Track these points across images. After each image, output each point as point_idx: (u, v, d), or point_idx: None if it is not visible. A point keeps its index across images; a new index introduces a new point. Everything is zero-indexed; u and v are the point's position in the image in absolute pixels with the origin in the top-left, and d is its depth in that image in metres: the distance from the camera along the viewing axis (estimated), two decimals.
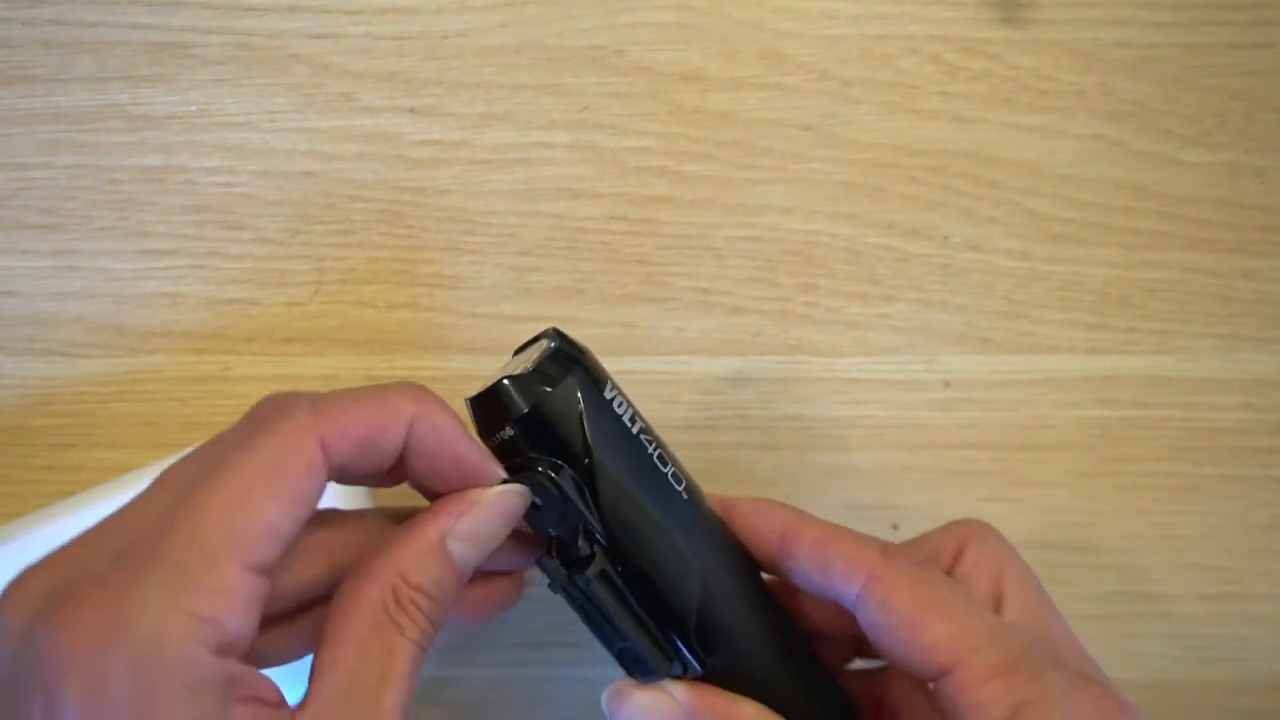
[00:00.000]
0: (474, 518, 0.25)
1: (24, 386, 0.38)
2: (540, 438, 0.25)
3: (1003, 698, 0.22)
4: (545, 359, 0.26)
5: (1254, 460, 0.38)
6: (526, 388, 0.26)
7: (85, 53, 0.38)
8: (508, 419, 0.25)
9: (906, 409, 0.38)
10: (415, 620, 0.23)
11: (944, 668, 0.23)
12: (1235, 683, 0.38)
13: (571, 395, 0.26)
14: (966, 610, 0.24)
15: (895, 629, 0.24)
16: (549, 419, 0.25)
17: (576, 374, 0.26)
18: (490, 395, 0.26)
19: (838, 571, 0.26)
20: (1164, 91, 0.39)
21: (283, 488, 0.22)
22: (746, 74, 0.39)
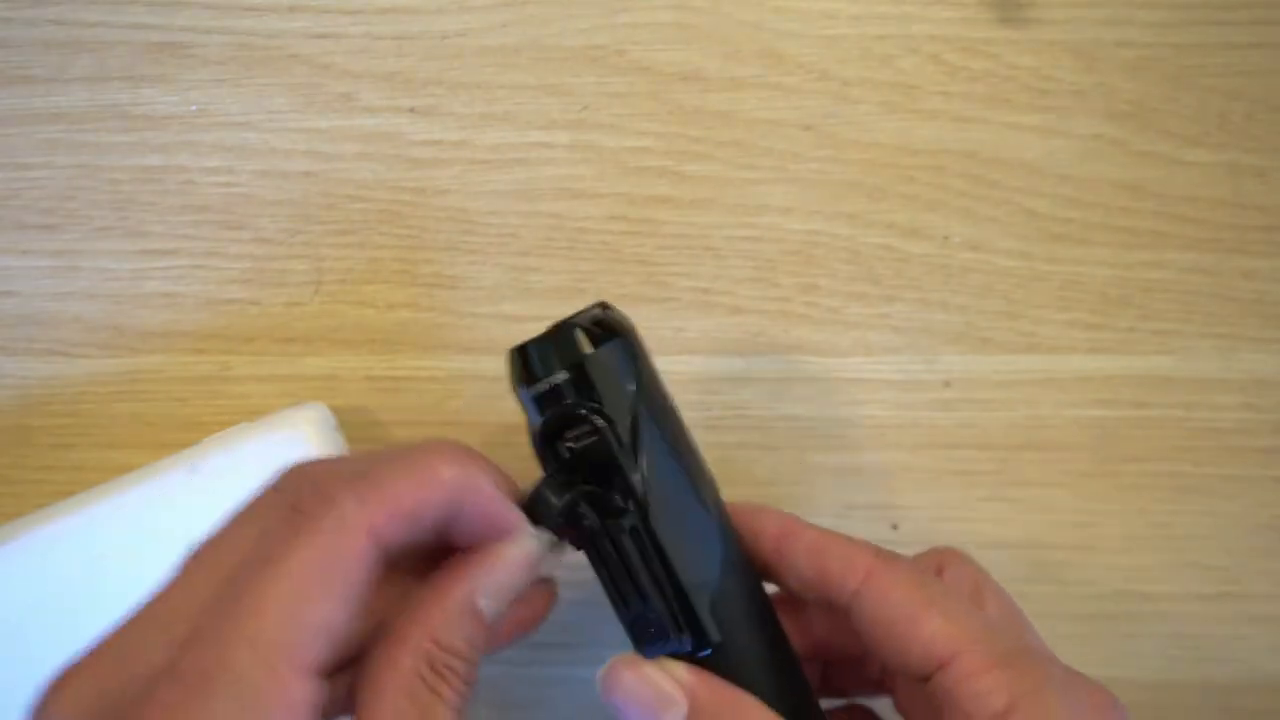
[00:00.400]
0: (502, 573, 0.25)
1: (24, 386, 0.38)
2: (593, 385, 0.26)
3: (1002, 687, 0.23)
4: (601, 317, 0.26)
5: (1254, 460, 0.38)
6: (590, 333, 0.26)
7: (85, 53, 0.38)
8: (567, 360, 0.25)
9: (906, 409, 0.38)
10: (452, 684, 0.23)
11: (942, 659, 0.24)
12: (1235, 682, 0.38)
13: (629, 350, 0.26)
14: (962, 608, 0.25)
15: (894, 624, 0.25)
16: (608, 366, 0.26)
17: (632, 335, 0.27)
18: (554, 335, 0.26)
19: (834, 571, 0.26)
20: (1164, 91, 0.39)
21: (337, 587, 0.21)
22: (746, 74, 0.39)
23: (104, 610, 0.33)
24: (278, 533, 0.22)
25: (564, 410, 0.26)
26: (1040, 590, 0.38)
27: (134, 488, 0.34)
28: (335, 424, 0.36)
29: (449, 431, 0.38)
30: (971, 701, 0.23)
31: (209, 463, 0.34)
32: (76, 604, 0.34)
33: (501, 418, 0.38)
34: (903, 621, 0.25)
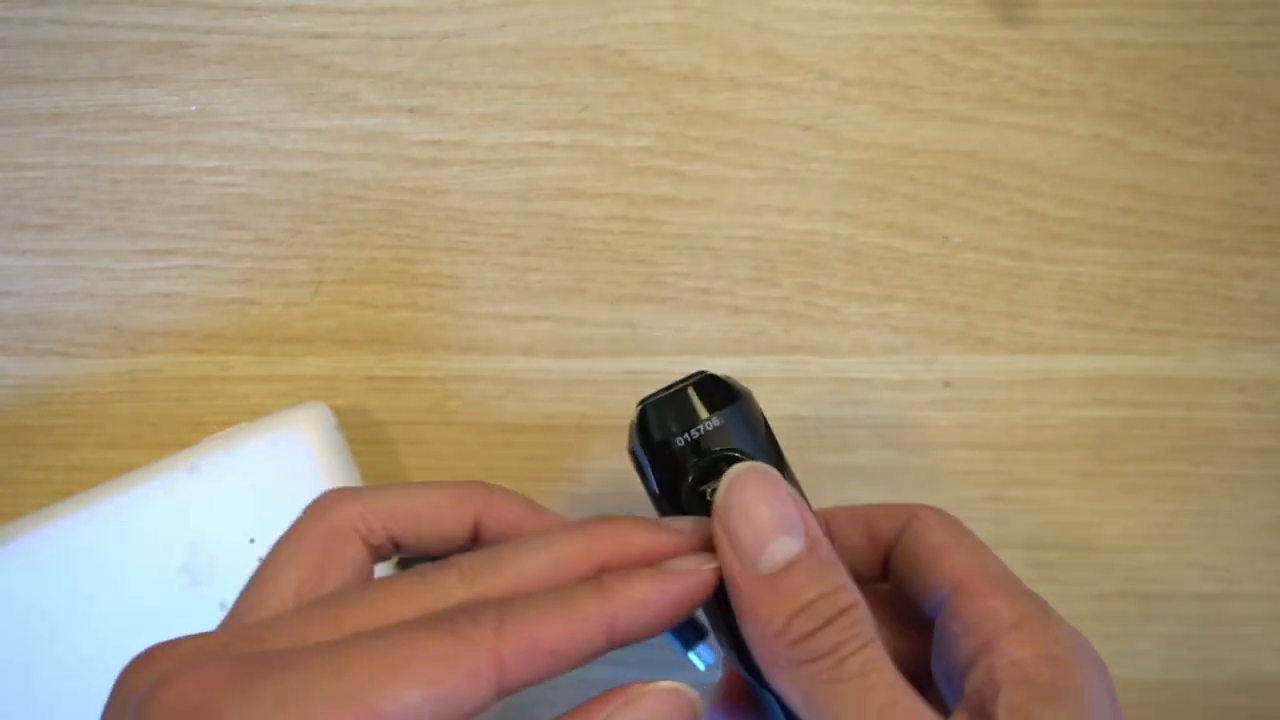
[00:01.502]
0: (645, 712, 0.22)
1: (24, 386, 0.38)
2: (744, 429, 0.26)
3: (1010, 605, 0.24)
4: (723, 375, 0.27)
5: (1254, 460, 0.38)
6: (730, 384, 0.26)
7: (85, 53, 0.38)
8: (720, 405, 0.26)
9: (906, 409, 0.38)
10: None
11: (957, 583, 0.25)
12: (1235, 682, 0.38)
13: (755, 404, 0.27)
14: (985, 551, 0.26)
15: (924, 554, 0.26)
16: (754, 411, 0.26)
17: (751, 394, 0.27)
18: (702, 382, 0.26)
19: (879, 528, 0.27)
20: (1164, 91, 0.39)
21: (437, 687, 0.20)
22: (746, 74, 0.39)
23: (104, 610, 0.34)
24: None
25: (718, 456, 0.25)
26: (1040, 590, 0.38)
27: (134, 488, 0.34)
28: (335, 424, 0.36)
29: (448, 432, 0.38)
30: (982, 617, 0.24)
31: (209, 463, 0.34)
32: (76, 604, 0.34)
33: (501, 418, 0.38)
34: (933, 551, 0.26)
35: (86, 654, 0.33)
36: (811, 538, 0.23)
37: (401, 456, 0.38)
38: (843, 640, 0.22)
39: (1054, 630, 0.24)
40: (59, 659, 0.33)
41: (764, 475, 0.23)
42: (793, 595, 0.22)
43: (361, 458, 0.37)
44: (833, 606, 0.22)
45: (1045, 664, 0.22)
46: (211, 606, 0.34)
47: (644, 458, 0.26)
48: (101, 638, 0.34)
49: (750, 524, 0.23)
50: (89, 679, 0.33)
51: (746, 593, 0.22)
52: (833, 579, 0.22)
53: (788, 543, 0.23)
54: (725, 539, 0.23)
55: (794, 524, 0.23)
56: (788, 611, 0.22)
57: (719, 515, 0.23)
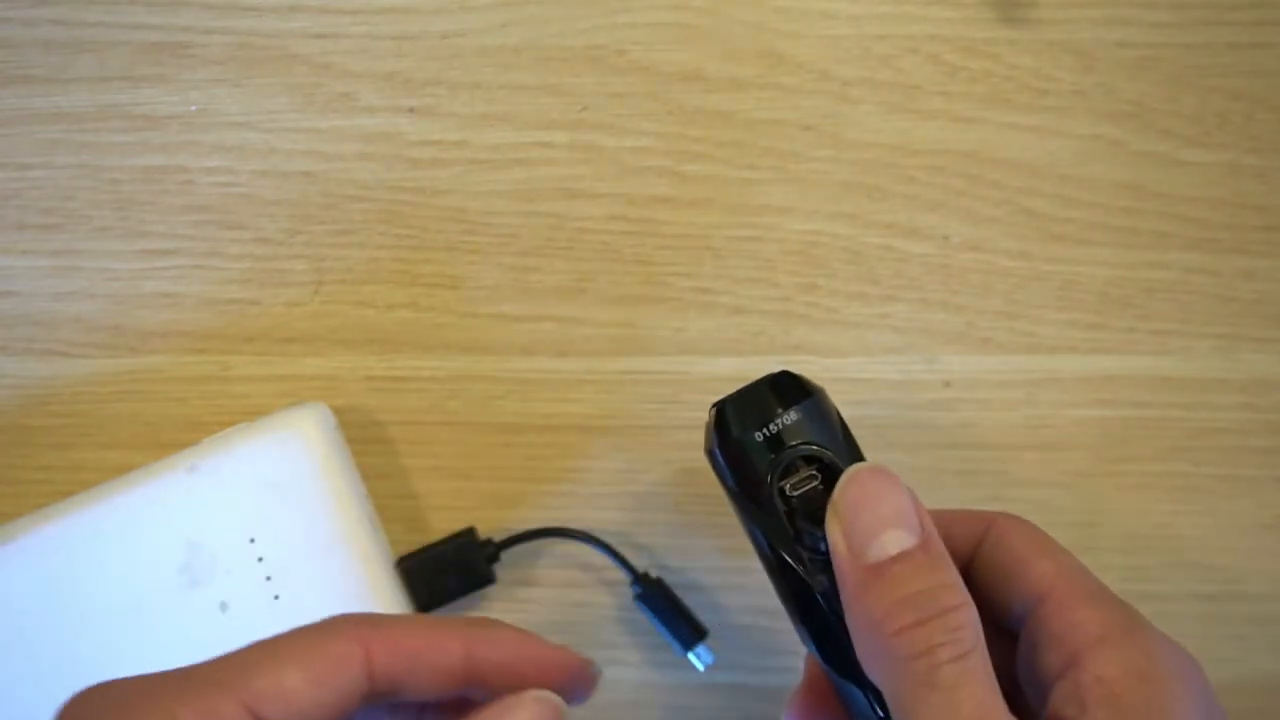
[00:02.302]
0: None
1: (24, 386, 0.38)
2: (821, 424, 0.25)
3: (1099, 617, 0.23)
4: (800, 375, 0.26)
5: (1254, 460, 0.38)
6: (804, 377, 0.26)
7: (85, 53, 0.38)
8: (795, 400, 0.25)
9: (906, 409, 0.38)
10: None
11: (1043, 594, 0.24)
12: (1235, 683, 0.38)
13: (829, 400, 0.26)
14: (1072, 559, 0.26)
15: (1007, 563, 0.25)
16: (829, 407, 0.26)
17: (824, 390, 0.27)
18: (777, 379, 0.26)
19: (956, 535, 0.26)
20: (1164, 91, 0.39)
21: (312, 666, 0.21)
22: (746, 74, 0.39)
23: (104, 610, 0.34)
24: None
25: (798, 452, 0.25)
26: None
27: (134, 488, 0.34)
28: (335, 424, 0.36)
29: (448, 431, 0.38)
30: (1069, 629, 0.23)
31: (209, 463, 0.34)
32: (76, 604, 0.34)
33: (501, 418, 0.38)
34: (1015, 562, 0.25)
35: (86, 654, 0.33)
36: (926, 534, 0.23)
37: (401, 456, 0.38)
38: (942, 642, 0.21)
39: (1145, 643, 0.23)
40: (59, 659, 0.33)
41: (883, 472, 0.24)
42: (897, 585, 0.22)
43: (361, 458, 0.37)
44: (936, 604, 0.21)
45: (1133, 682, 0.22)
46: (211, 607, 0.34)
47: (721, 457, 0.26)
48: (101, 638, 0.34)
49: (866, 515, 0.23)
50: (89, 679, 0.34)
51: (852, 580, 0.22)
52: (941, 576, 0.22)
53: (901, 535, 0.22)
54: (839, 530, 0.23)
55: (910, 519, 0.23)
56: (891, 600, 0.22)
57: (835, 507, 0.23)
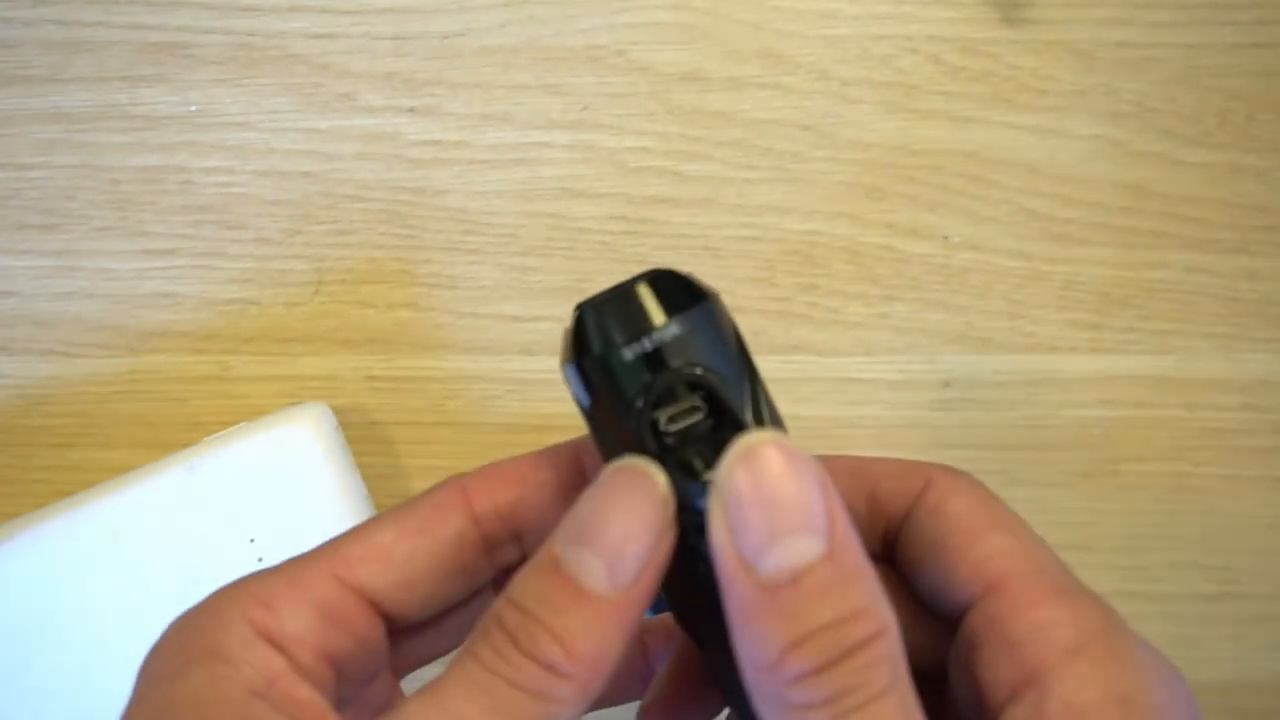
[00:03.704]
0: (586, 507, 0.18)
1: (23, 386, 0.38)
2: (710, 340, 0.20)
3: (1069, 619, 0.18)
4: (688, 276, 0.21)
5: (1254, 460, 0.38)
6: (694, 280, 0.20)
7: (84, 53, 0.38)
8: (680, 308, 0.20)
9: (906, 409, 0.38)
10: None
11: (995, 582, 0.19)
12: (1236, 683, 0.38)
13: (724, 310, 0.21)
14: (1027, 533, 0.20)
15: (947, 538, 0.20)
16: (723, 317, 0.20)
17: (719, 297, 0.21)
18: (658, 279, 0.20)
19: (884, 492, 0.21)
20: (1164, 91, 0.39)
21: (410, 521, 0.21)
22: (746, 74, 0.39)
23: (103, 610, 0.34)
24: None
25: (676, 375, 0.19)
26: None
27: (134, 488, 0.34)
28: (335, 424, 0.36)
29: (448, 431, 0.38)
30: (1029, 632, 0.18)
31: (209, 463, 0.34)
32: (76, 604, 0.34)
33: (501, 418, 0.38)
34: (957, 535, 0.20)
35: (86, 654, 0.33)
36: (836, 538, 0.17)
37: (401, 456, 0.38)
38: (853, 686, 0.16)
39: (1126, 655, 0.18)
40: (59, 658, 0.33)
41: (781, 448, 0.17)
42: (798, 617, 0.16)
43: (361, 458, 0.37)
44: (848, 639, 0.16)
45: (1114, 710, 0.17)
46: None
47: (578, 376, 0.20)
48: (101, 638, 0.33)
49: (758, 514, 0.17)
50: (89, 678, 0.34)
51: (739, 601, 0.17)
52: (853, 599, 0.17)
53: (804, 544, 0.17)
54: (723, 527, 0.17)
55: (816, 517, 0.17)
56: (789, 639, 0.16)
57: (720, 493, 0.17)
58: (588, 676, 0.17)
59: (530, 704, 0.17)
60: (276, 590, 0.19)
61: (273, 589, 0.19)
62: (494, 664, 0.17)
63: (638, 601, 0.18)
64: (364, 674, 0.21)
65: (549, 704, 0.17)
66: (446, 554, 0.21)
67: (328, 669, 0.19)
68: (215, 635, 0.19)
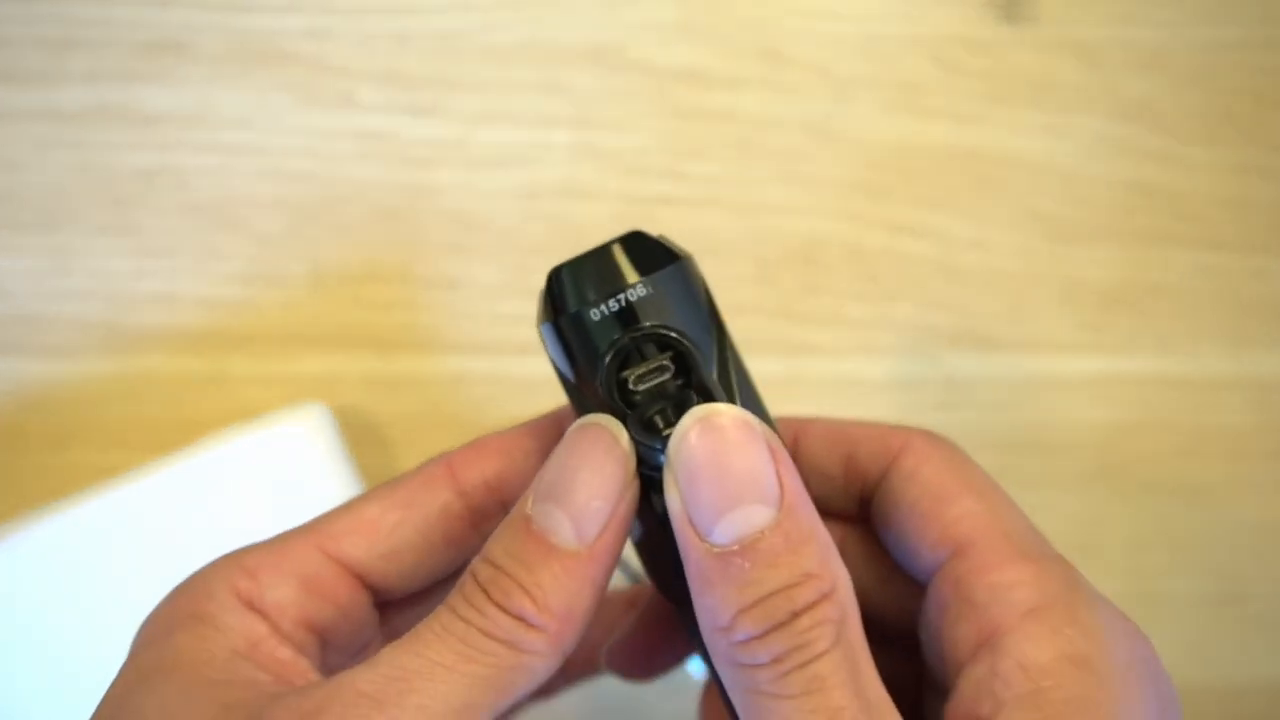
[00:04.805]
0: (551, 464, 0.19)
1: (20, 387, 0.38)
2: (681, 300, 0.20)
3: (1029, 580, 0.19)
4: (660, 238, 0.21)
5: (1258, 462, 0.38)
6: (665, 246, 0.21)
7: (81, 50, 0.38)
8: (652, 269, 0.20)
9: (906, 409, 0.38)
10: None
11: (960, 544, 0.20)
12: (1237, 684, 0.38)
13: (697, 272, 0.21)
14: (998, 496, 0.21)
15: (919, 502, 0.21)
16: (694, 278, 0.21)
17: (692, 259, 0.21)
18: (630, 240, 0.20)
19: (862, 455, 0.22)
20: (1168, 90, 0.39)
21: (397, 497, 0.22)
22: (747, 73, 0.39)
23: (102, 610, 0.34)
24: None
25: (645, 334, 0.20)
26: None
27: (132, 488, 0.34)
28: (334, 424, 0.36)
29: (448, 431, 0.38)
30: (990, 593, 0.19)
31: (207, 463, 0.34)
32: (75, 604, 0.34)
33: (501, 418, 0.38)
34: (930, 499, 0.20)
35: (85, 654, 0.33)
36: (787, 503, 0.18)
37: (401, 456, 0.38)
38: (796, 646, 0.17)
39: (1087, 617, 0.18)
40: (57, 659, 0.33)
41: (733, 419, 0.18)
42: (747, 585, 0.17)
43: (361, 458, 0.37)
44: (791, 604, 0.17)
45: (1068, 671, 0.18)
46: None
47: (553, 335, 0.21)
48: (100, 638, 0.33)
49: (711, 486, 0.18)
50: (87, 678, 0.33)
51: (695, 566, 0.18)
52: (802, 564, 0.17)
53: (754, 512, 0.17)
54: (677, 497, 0.18)
55: (766, 486, 0.18)
56: (739, 604, 0.17)
57: (673, 464, 0.18)
58: (557, 628, 0.18)
59: (504, 652, 0.18)
60: (262, 561, 0.20)
61: (258, 560, 0.20)
62: (469, 614, 0.18)
63: (604, 555, 0.19)
64: (352, 644, 0.22)
65: (521, 653, 0.18)
66: (432, 526, 0.22)
67: (310, 636, 0.20)
68: (202, 602, 0.20)
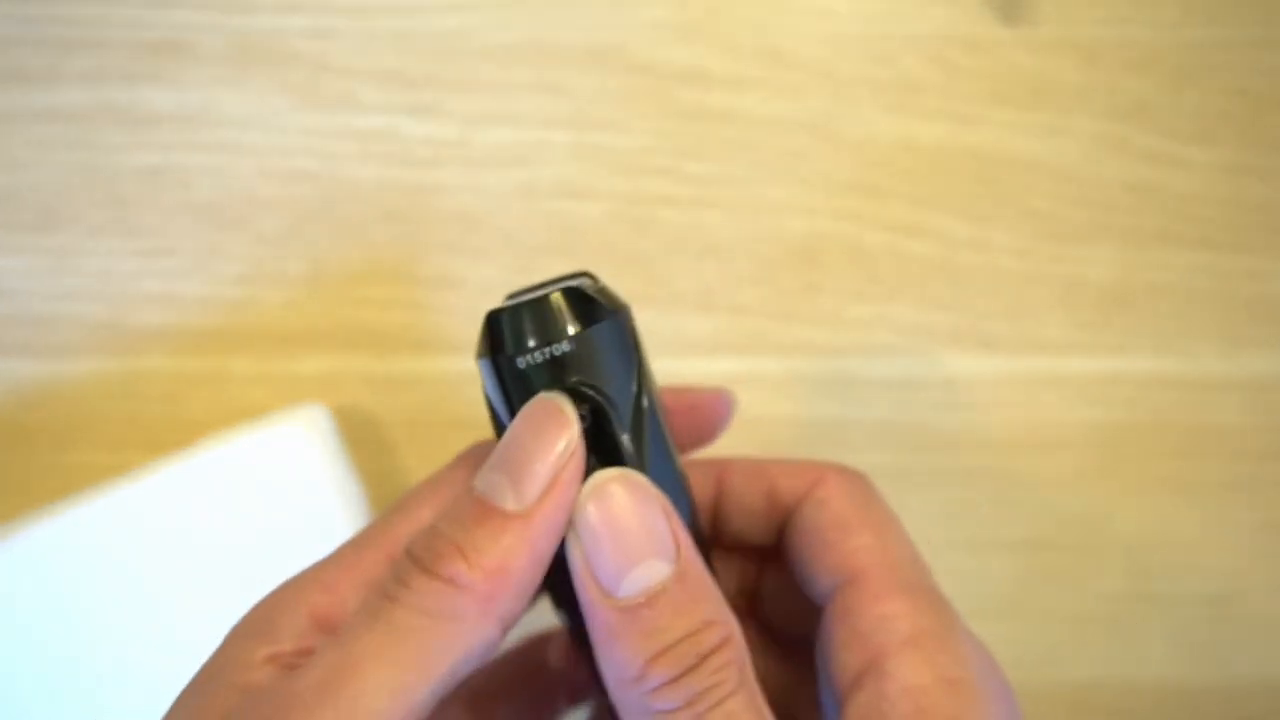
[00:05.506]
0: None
1: (22, 387, 0.38)
2: (609, 354, 0.21)
3: (910, 613, 0.21)
4: (603, 287, 0.23)
5: (1255, 461, 0.38)
6: (599, 302, 0.21)
7: (82, 50, 0.38)
8: (587, 323, 0.21)
9: (907, 409, 0.38)
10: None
11: (852, 574, 0.22)
12: (1236, 684, 0.38)
13: (631, 328, 0.22)
14: (893, 530, 0.23)
15: (824, 530, 0.22)
16: (625, 334, 0.22)
17: (630, 312, 0.23)
18: (569, 292, 0.21)
19: (781, 489, 0.24)
20: (1167, 90, 0.39)
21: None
22: (747, 73, 0.39)
23: (103, 610, 0.34)
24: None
25: (570, 386, 0.21)
26: (1040, 591, 0.38)
27: (133, 488, 0.34)
28: (333, 425, 0.36)
29: (448, 431, 0.38)
30: (875, 623, 0.21)
31: (209, 463, 0.34)
32: (76, 604, 0.34)
33: None
34: (834, 529, 0.22)
35: (86, 654, 0.33)
36: (683, 559, 0.20)
37: (401, 456, 0.38)
38: (706, 688, 0.19)
39: (956, 647, 0.20)
40: (58, 659, 0.33)
41: (630, 484, 0.20)
42: (653, 634, 0.19)
43: (361, 458, 0.37)
44: (698, 648, 0.19)
45: (944, 692, 0.20)
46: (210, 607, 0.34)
47: (488, 371, 0.22)
48: (101, 638, 0.33)
49: (611, 546, 0.19)
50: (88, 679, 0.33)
51: (600, 622, 0.19)
52: (703, 612, 0.19)
53: (654, 568, 0.19)
54: (581, 559, 0.20)
55: (663, 544, 0.20)
56: (648, 653, 0.19)
57: (577, 530, 0.20)
58: (487, 588, 0.19)
59: (431, 626, 0.18)
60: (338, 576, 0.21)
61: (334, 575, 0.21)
62: (395, 591, 0.19)
63: (545, 520, 0.19)
64: None
65: (448, 622, 0.18)
66: None
67: None
68: (268, 613, 0.20)
